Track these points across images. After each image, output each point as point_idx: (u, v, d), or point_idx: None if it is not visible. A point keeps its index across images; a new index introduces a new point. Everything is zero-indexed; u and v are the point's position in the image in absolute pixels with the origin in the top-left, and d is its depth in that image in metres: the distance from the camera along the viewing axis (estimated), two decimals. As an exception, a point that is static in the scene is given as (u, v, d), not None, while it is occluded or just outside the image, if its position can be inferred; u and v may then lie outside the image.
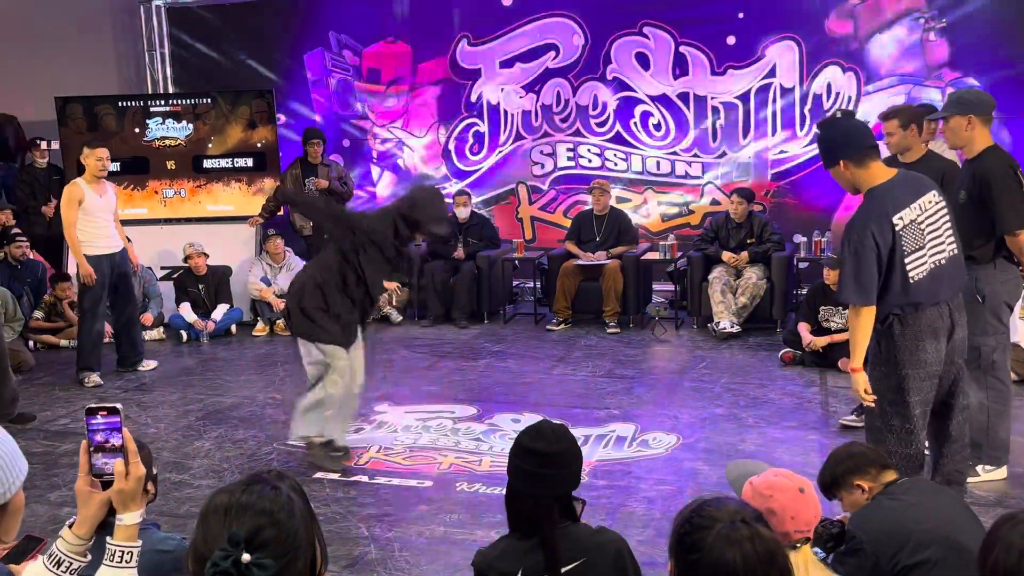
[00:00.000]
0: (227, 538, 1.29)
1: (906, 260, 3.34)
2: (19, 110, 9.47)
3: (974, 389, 4.25)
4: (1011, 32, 7.67)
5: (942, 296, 3.45)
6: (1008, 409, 4.35)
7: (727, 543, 1.53)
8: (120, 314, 6.78)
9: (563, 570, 2.21)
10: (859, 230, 3.34)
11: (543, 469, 2.25)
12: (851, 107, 8.08)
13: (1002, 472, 4.39)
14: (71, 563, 1.60)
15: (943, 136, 4.51)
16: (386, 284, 8.37)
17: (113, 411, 1.61)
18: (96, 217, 6.47)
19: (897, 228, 3.32)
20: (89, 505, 1.61)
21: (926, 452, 3.72)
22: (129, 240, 7.57)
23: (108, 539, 1.60)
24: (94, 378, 6.54)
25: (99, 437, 1.60)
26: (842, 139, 3.44)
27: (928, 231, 3.38)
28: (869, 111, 7.64)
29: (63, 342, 7.78)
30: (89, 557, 1.62)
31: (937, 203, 3.42)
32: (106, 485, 1.61)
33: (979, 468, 4.33)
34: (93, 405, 1.63)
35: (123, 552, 1.60)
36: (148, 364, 6.97)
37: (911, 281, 3.36)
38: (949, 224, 3.46)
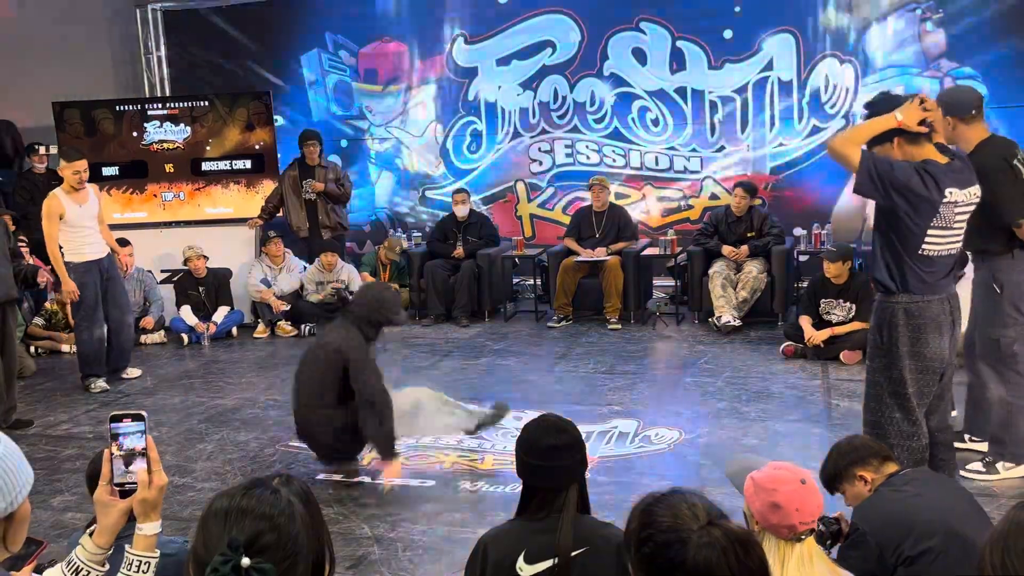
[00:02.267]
0: (226, 543, 1.28)
1: (930, 230, 3.31)
2: (16, 116, 9.46)
3: (994, 383, 4.22)
4: (1008, 21, 7.65)
5: (943, 287, 3.43)
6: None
7: (709, 549, 1.51)
8: (110, 320, 6.70)
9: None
10: (908, 167, 3.30)
11: (561, 462, 2.33)
12: (850, 99, 8.10)
13: (1022, 470, 4.29)
14: (89, 572, 1.60)
15: None
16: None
17: (138, 417, 1.61)
18: (80, 226, 6.38)
19: (945, 200, 3.28)
20: (109, 514, 1.60)
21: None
22: (128, 243, 7.58)
23: (127, 547, 1.60)
24: (100, 383, 6.52)
25: (124, 443, 1.60)
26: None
27: (957, 219, 3.36)
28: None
29: (65, 347, 7.78)
30: (107, 567, 1.62)
31: (975, 196, 3.41)
32: (126, 494, 1.61)
33: (999, 465, 4.27)
34: (118, 412, 1.63)
35: (141, 562, 1.60)
36: (132, 372, 6.87)
37: (921, 251, 3.33)
38: (967, 221, 3.46)
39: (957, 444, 4.47)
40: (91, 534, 1.62)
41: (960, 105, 4.11)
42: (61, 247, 6.35)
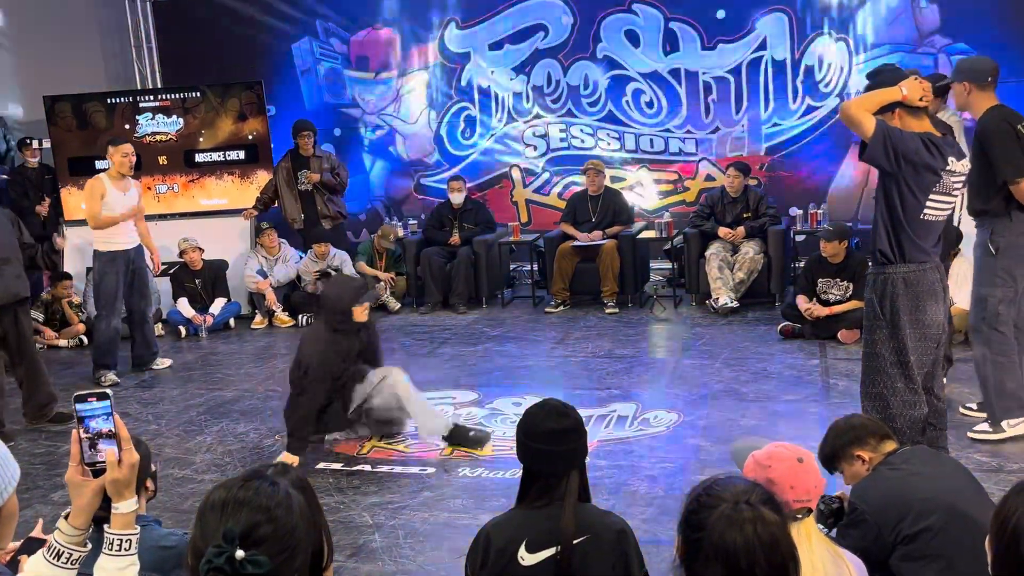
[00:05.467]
0: (221, 534, 1.28)
1: (932, 195, 3.44)
2: (7, 110, 9.42)
3: (977, 343, 4.33)
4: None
5: (934, 254, 3.56)
6: (1014, 360, 4.36)
7: (728, 524, 1.52)
8: (133, 311, 6.68)
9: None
10: (914, 136, 3.43)
11: (561, 446, 2.33)
12: (843, 77, 8.09)
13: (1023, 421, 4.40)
14: (71, 554, 1.58)
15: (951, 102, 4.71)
16: (380, 275, 8.38)
17: (103, 396, 1.58)
18: (115, 214, 6.38)
19: (947, 168, 3.43)
20: (82, 494, 1.58)
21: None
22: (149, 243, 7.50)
23: (106, 527, 1.59)
24: (111, 376, 6.47)
25: (90, 424, 1.58)
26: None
27: (955, 187, 3.52)
28: (862, 80, 7.60)
29: (63, 342, 7.77)
30: (89, 547, 1.60)
31: (967, 167, 3.58)
32: (98, 473, 1.58)
33: (1004, 423, 4.36)
34: (82, 392, 1.61)
35: (121, 540, 1.58)
36: (163, 362, 6.85)
37: (923, 216, 3.47)
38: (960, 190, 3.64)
39: (963, 410, 4.71)
40: (66, 516, 1.60)
41: (978, 72, 4.27)
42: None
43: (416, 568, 3.61)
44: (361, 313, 4.79)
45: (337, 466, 4.71)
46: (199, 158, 8.79)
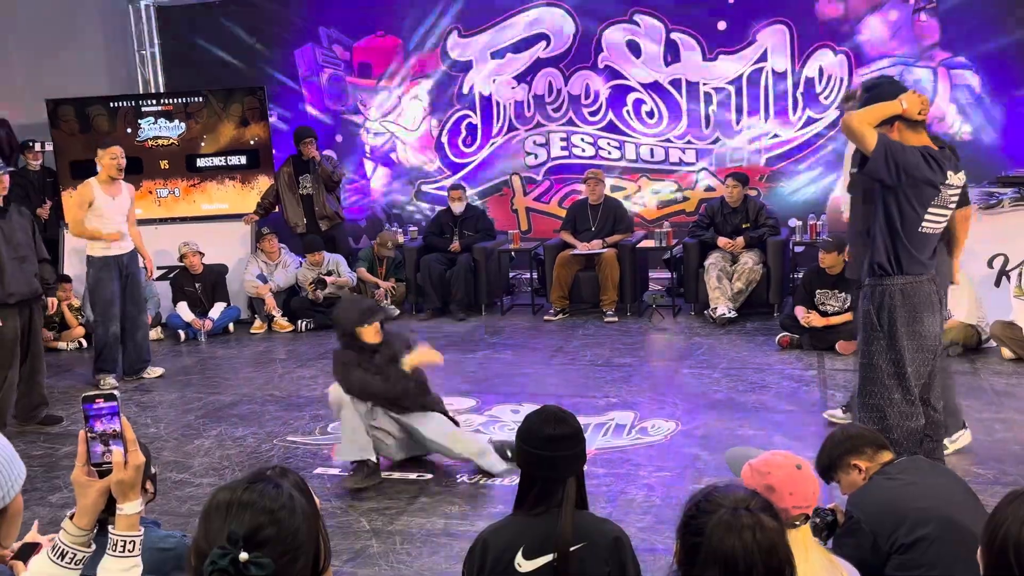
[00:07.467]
0: (226, 536, 1.29)
1: (930, 208, 3.47)
2: (10, 113, 9.43)
3: None
4: (1001, 11, 7.66)
5: (930, 266, 3.59)
6: (952, 379, 4.55)
7: (727, 530, 1.54)
8: (126, 318, 6.59)
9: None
10: (915, 150, 3.42)
11: (560, 452, 2.35)
12: (843, 89, 8.11)
13: (967, 435, 4.51)
14: (75, 554, 1.59)
15: None
16: (380, 282, 8.40)
17: (111, 397, 1.60)
18: (107, 219, 6.33)
19: (947, 181, 3.47)
20: (88, 495, 1.59)
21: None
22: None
23: (110, 528, 1.59)
24: (110, 380, 6.44)
25: (98, 424, 1.58)
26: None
27: (951, 200, 3.55)
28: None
29: (62, 344, 7.78)
30: (93, 547, 1.61)
31: (962, 180, 3.59)
32: (104, 474, 1.59)
33: (946, 440, 4.39)
34: (90, 392, 1.62)
35: (125, 542, 1.59)
36: (154, 371, 6.74)
37: (921, 229, 3.50)
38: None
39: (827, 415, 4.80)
40: (71, 517, 1.60)
41: (894, 91, 4.12)
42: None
43: (413, 574, 3.62)
44: (372, 334, 4.47)
45: (335, 471, 4.72)
46: (201, 163, 8.82)
